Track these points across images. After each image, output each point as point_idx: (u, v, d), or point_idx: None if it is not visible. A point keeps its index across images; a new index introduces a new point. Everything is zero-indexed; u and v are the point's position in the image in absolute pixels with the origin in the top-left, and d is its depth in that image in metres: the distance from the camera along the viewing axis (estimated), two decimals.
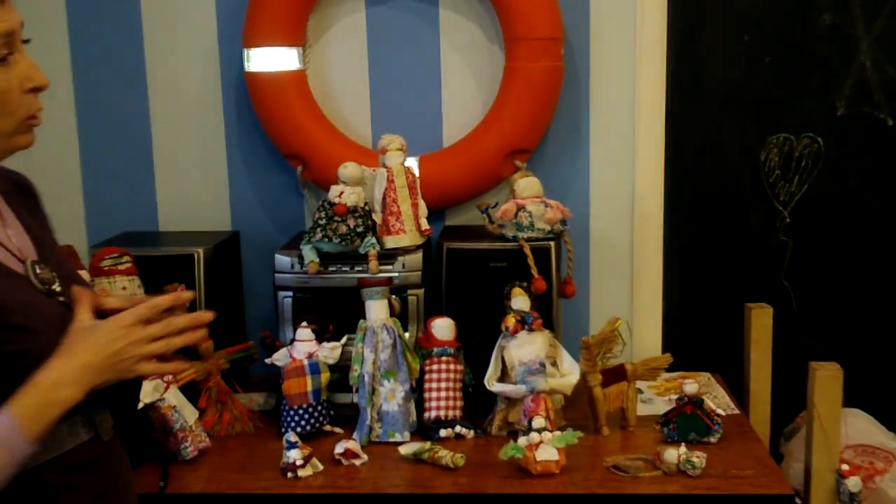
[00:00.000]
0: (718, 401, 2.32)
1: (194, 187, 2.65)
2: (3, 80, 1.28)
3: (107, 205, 2.66)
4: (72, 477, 1.33)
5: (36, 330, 1.28)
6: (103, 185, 2.66)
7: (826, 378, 1.99)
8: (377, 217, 2.28)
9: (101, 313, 1.37)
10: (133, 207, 2.66)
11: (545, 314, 2.19)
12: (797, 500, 2.18)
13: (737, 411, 2.29)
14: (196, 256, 2.29)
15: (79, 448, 1.34)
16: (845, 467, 2.00)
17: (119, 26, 2.58)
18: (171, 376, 2.05)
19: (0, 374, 1.24)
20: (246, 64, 2.47)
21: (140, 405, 1.98)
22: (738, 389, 2.44)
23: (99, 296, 1.45)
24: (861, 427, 2.35)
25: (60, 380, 1.26)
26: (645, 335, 2.60)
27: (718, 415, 2.13)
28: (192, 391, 2.14)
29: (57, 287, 1.37)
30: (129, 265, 2.14)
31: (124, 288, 2.12)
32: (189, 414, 2.06)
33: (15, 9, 1.31)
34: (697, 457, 1.92)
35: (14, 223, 1.40)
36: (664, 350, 2.54)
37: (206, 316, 1.41)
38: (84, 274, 2.07)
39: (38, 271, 1.36)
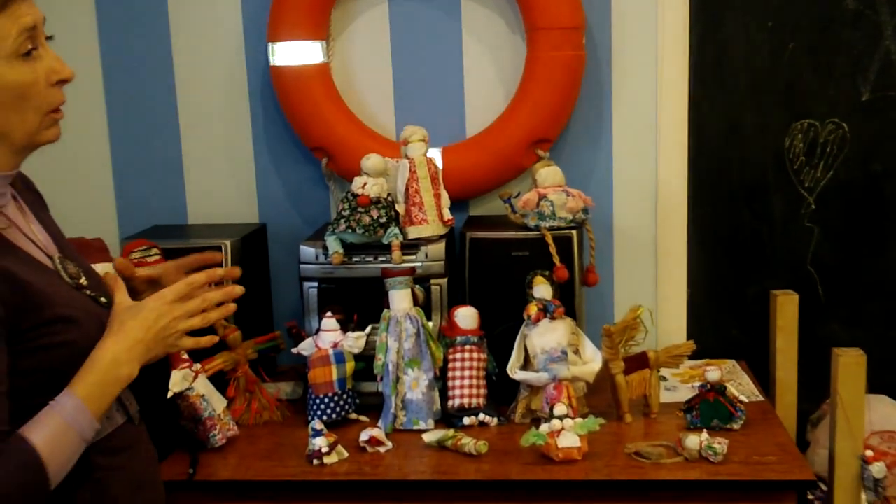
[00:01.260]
0: (743, 388, 2.32)
1: (222, 181, 2.69)
2: (30, 73, 1.31)
3: (137, 199, 2.71)
4: (116, 458, 1.40)
5: (79, 321, 1.34)
6: (133, 180, 2.71)
7: (849, 364, 1.99)
8: (400, 208, 2.30)
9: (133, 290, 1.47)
10: (162, 201, 2.71)
11: (568, 303, 2.20)
12: (822, 487, 2.18)
13: (761, 398, 2.28)
14: (224, 248, 2.33)
15: (116, 431, 1.40)
16: (869, 453, 2.00)
17: (147, 23, 2.62)
18: (199, 366, 2.09)
19: (48, 365, 1.30)
20: (270, 58, 2.51)
21: (169, 394, 2.03)
22: (764, 377, 2.44)
23: (130, 269, 1.51)
24: (886, 413, 2.34)
25: (118, 358, 1.34)
26: (669, 323, 2.60)
27: (741, 401, 2.13)
28: (220, 381, 2.18)
29: (84, 281, 1.42)
30: (157, 257, 2.18)
31: None
32: (217, 403, 2.10)
33: (35, 4, 1.34)
34: (719, 443, 1.92)
35: (35, 221, 1.45)
36: (689, 338, 2.54)
37: (238, 290, 1.51)
38: (108, 266, 2.11)
39: (66, 266, 1.41)
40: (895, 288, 2.60)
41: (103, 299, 1.43)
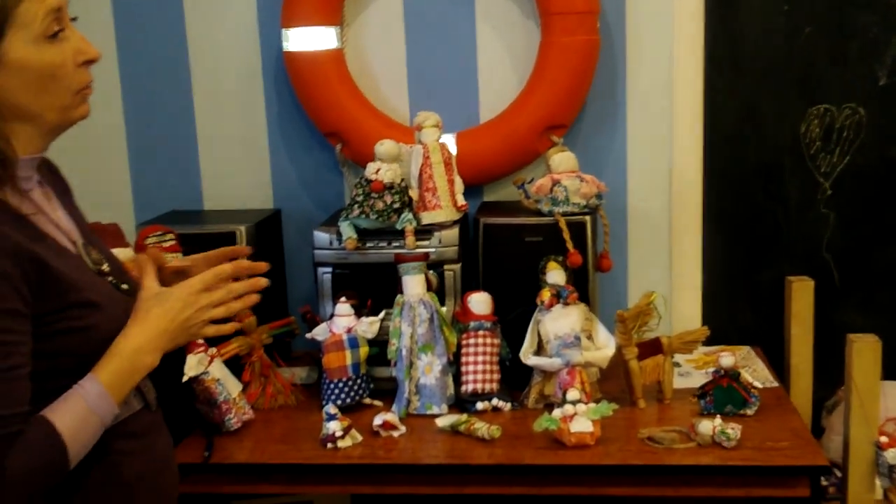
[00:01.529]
0: (757, 374, 2.32)
1: (237, 167, 2.70)
2: (58, 55, 1.32)
3: (153, 185, 2.72)
4: (133, 443, 1.41)
5: (101, 305, 1.35)
6: (149, 166, 2.72)
7: (864, 349, 1.98)
8: (413, 193, 2.30)
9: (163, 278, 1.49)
10: (178, 187, 2.73)
11: (581, 288, 2.20)
12: (836, 473, 2.18)
13: (776, 384, 2.28)
14: (238, 234, 2.34)
15: (133, 416, 1.42)
16: (884, 439, 1.99)
17: (162, 9, 2.63)
18: (214, 350, 2.10)
19: (69, 349, 1.31)
20: (284, 44, 2.51)
21: (185, 378, 2.04)
22: (779, 363, 2.43)
23: (161, 257, 1.53)
24: None
25: (142, 346, 1.36)
26: (683, 309, 2.60)
27: (755, 387, 2.12)
28: (235, 365, 2.19)
29: (106, 267, 1.43)
30: (172, 243, 2.20)
31: None
32: (233, 387, 2.12)
33: None
34: (732, 428, 1.92)
35: (60, 207, 1.46)
36: (703, 323, 2.54)
37: (263, 282, 1.51)
38: (128, 251, 2.12)
39: (89, 252, 1.42)
40: None
41: (124, 286, 1.44)
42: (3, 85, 1.29)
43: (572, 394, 1.98)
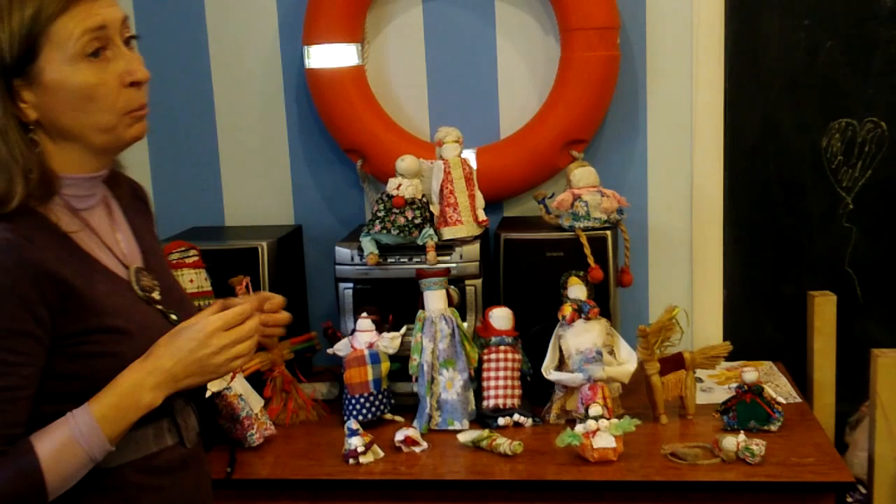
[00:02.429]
0: (780, 389, 2.31)
1: (258, 183, 2.72)
2: (96, 75, 1.29)
3: (175, 201, 2.74)
4: (156, 478, 1.37)
5: (132, 334, 1.32)
6: (171, 183, 2.74)
7: (888, 365, 1.97)
8: (435, 209, 2.31)
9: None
10: (200, 204, 2.74)
11: (603, 303, 2.20)
12: (861, 489, 2.16)
13: (799, 399, 2.27)
14: (260, 250, 2.35)
15: (164, 451, 1.38)
16: None
17: (184, 27, 2.66)
18: None
19: (89, 373, 1.29)
20: (306, 61, 2.53)
21: (207, 394, 2.05)
22: (802, 378, 2.42)
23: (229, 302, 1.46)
24: None
25: (141, 383, 1.29)
26: (705, 324, 2.59)
27: (779, 403, 2.11)
28: (257, 381, 2.20)
29: (157, 295, 1.40)
30: (196, 258, 2.21)
31: (191, 281, 2.19)
32: (255, 402, 2.12)
33: (114, 3, 1.33)
34: (756, 444, 1.91)
35: (126, 229, 1.44)
36: (725, 338, 2.53)
37: (285, 317, 1.51)
38: None
39: (140, 278, 1.39)
40: None
41: (173, 316, 1.40)
42: (43, 104, 1.29)
43: (595, 409, 1.97)
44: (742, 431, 1.99)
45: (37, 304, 1.23)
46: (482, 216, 2.33)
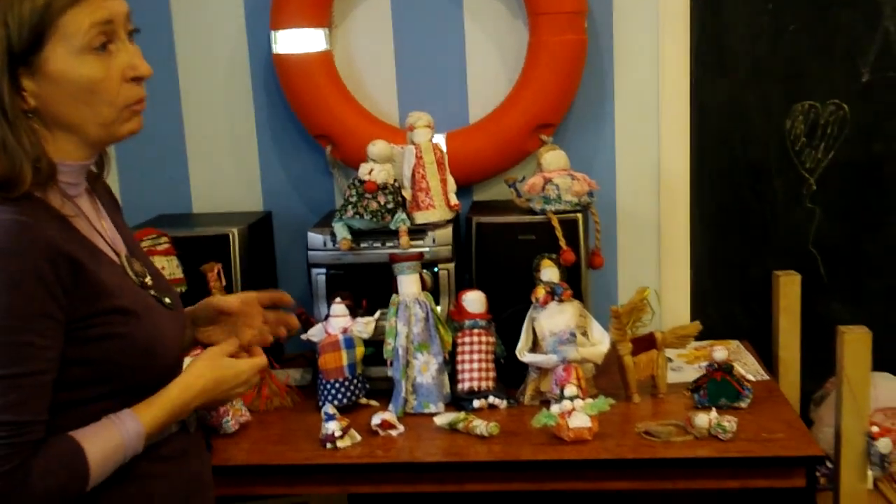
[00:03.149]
0: (748, 367, 2.35)
1: (226, 170, 2.70)
2: (101, 69, 1.29)
3: (141, 189, 2.71)
4: (164, 466, 1.40)
5: (139, 314, 1.33)
6: (137, 171, 2.71)
7: (855, 341, 2.01)
8: (407, 193, 2.31)
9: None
10: (166, 191, 2.72)
11: (574, 286, 2.22)
12: (827, 464, 2.21)
13: (766, 377, 2.31)
14: (231, 236, 2.34)
15: (170, 439, 1.40)
16: (875, 429, 2.03)
17: (149, 12, 2.62)
18: None
19: (102, 355, 1.29)
20: (273, 46, 2.51)
21: None
22: (768, 357, 2.47)
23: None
24: (891, 390, 2.37)
25: (189, 403, 1.39)
26: (673, 304, 2.62)
27: (748, 380, 2.15)
28: None
29: (149, 280, 1.42)
30: (167, 246, 2.20)
31: (163, 268, 2.18)
32: None
33: None
34: (728, 421, 1.95)
35: (107, 217, 1.45)
36: (692, 319, 2.57)
37: (295, 323, 1.68)
38: None
39: (132, 264, 1.41)
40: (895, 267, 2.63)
41: (167, 300, 1.43)
42: (43, 94, 1.28)
43: (570, 390, 1.99)
44: (713, 409, 2.03)
45: (54, 284, 1.23)
46: (454, 200, 2.34)
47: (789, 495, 1.92)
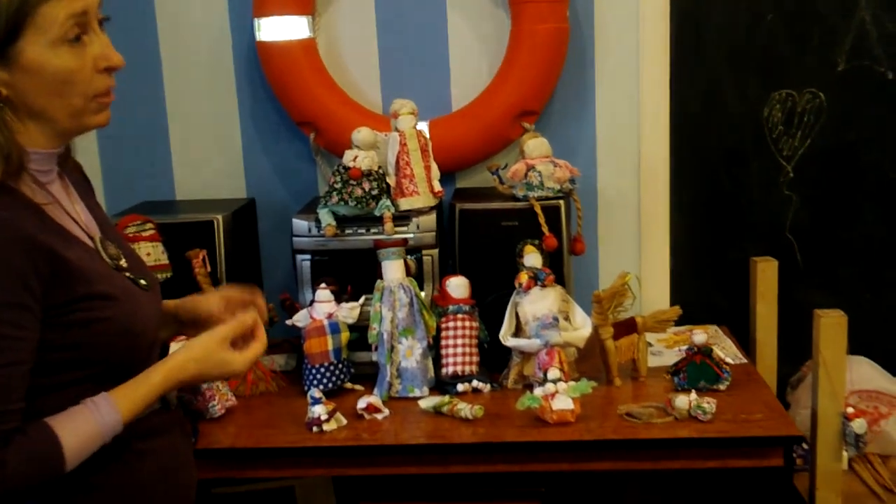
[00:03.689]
0: (727, 351, 2.39)
1: (209, 157, 2.71)
2: (75, 60, 1.30)
3: (124, 176, 2.72)
4: (149, 442, 1.42)
5: (118, 298, 1.35)
6: (120, 158, 2.71)
7: (831, 324, 2.05)
8: (391, 180, 2.33)
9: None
10: (149, 178, 2.73)
11: (556, 271, 2.25)
12: (804, 445, 2.25)
13: (744, 360, 2.35)
14: (216, 223, 2.35)
15: (152, 415, 1.42)
16: (850, 410, 2.07)
17: (132, 0, 2.62)
18: None
19: (84, 340, 1.31)
20: (257, 33, 2.52)
21: None
22: (745, 341, 2.51)
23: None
24: (865, 373, 2.42)
25: (167, 385, 1.40)
26: (653, 290, 2.66)
27: (727, 363, 2.19)
28: None
29: (124, 263, 1.43)
30: (152, 232, 2.21)
31: (148, 254, 2.19)
32: None
33: None
34: (708, 402, 1.98)
35: (80, 202, 1.46)
36: (672, 304, 2.60)
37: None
38: None
39: (106, 247, 1.42)
40: (871, 253, 2.68)
41: (143, 282, 1.44)
42: (17, 84, 1.28)
43: (553, 373, 2.02)
44: (693, 391, 2.06)
45: (30, 275, 1.24)
46: (438, 187, 2.36)
47: (767, 475, 1.96)
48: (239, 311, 1.57)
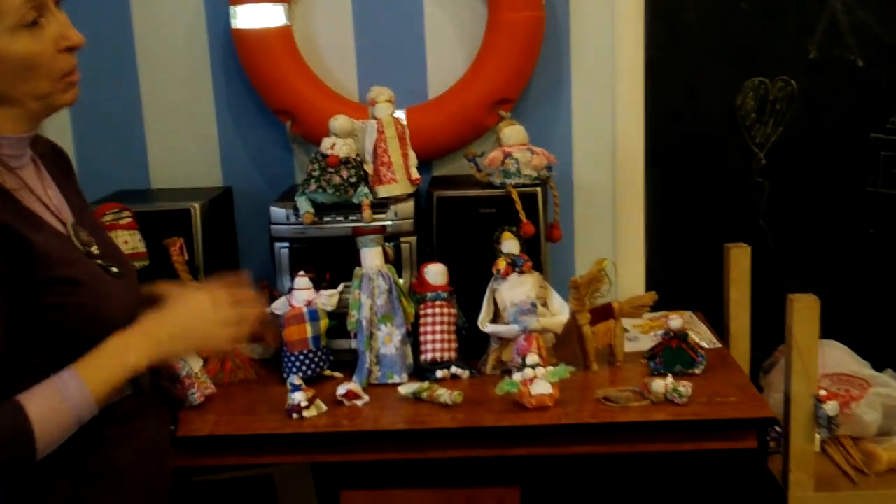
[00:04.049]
0: (702, 335, 2.42)
1: (184, 145, 2.70)
2: (35, 44, 1.30)
3: (99, 164, 2.69)
4: (122, 428, 1.41)
5: (86, 283, 1.34)
6: (95, 146, 2.69)
7: (804, 308, 2.09)
8: (368, 167, 2.33)
9: None
10: (124, 166, 2.71)
11: (533, 258, 2.26)
12: (777, 429, 2.29)
13: (719, 345, 2.38)
14: (193, 211, 2.34)
15: (124, 400, 1.41)
16: (823, 393, 2.11)
17: None
18: None
19: (52, 324, 1.31)
20: (232, 21, 2.51)
21: None
22: (719, 327, 2.54)
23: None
24: (837, 357, 2.46)
25: (127, 345, 1.36)
26: (628, 276, 2.69)
27: (702, 347, 2.22)
28: None
29: (95, 250, 1.42)
30: (129, 220, 2.20)
31: (126, 242, 2.18)
32: (194, 362, 2.13)
33: None
34: (684, 385, 2.01)
35: (53, 187, 1.45)
36: (647, 290, 2.63)
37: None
38: None
39: (78, 233, 1.41)
40: (841, 239, 2.72)
41: (114, 269, 1.43)
42: None
43: (532, 358, 2.04)
44: (669, 375, 2.09)
45: None
46: (415, 174, 2.37)
47: (742, 457, 1.99)
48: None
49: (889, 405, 2.33)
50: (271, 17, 2.50)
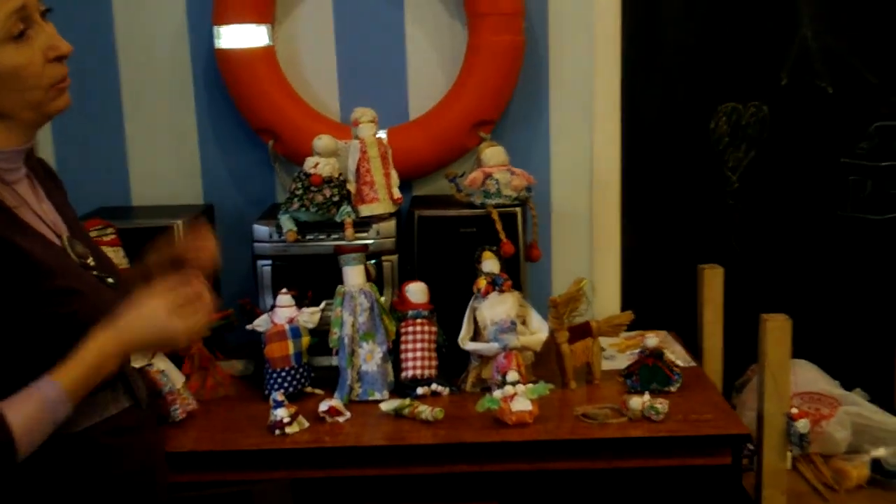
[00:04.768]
0: (676, 355, 2.46)
1: (166, 163, 2.71)
2: (23, 55, 1.32)
3: (80, 182, 2.67)
4: (121, 439, 1.43)
5: (85, 293, 1.36)
6: (77, 163, 2.70)
7: (776, 327, 2.13)
8: (351, 187, 2.36)
9: None
10: (106, 184, 2.72)
11: (513, 277, 2.30)
12: (749, 446, 2.33)
13: (693, 364, 2.43)
14: (175, 228, 2.36)
15: (122, 413, 1.44)
16: (795, 410, 2.15)
17: (90, 5, 2.62)
18: None
19: (55, 336, 1.32)
20: (216, 41, 2.54)
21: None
22: (693, 346, 2.58)
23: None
24: (808, 376, 2.51)
25: (105, 351, 1.34)
26: (604, 296, 2.73)
27: (678, 366, 2.27)
28: (175, 358, 2.21)
29: (91, 261, 1.45)
30: (113, 236, 2.21)
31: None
32: (176, 378, 2.14)
33: None
34: (660, 403, 2.05)
35: (47, 200, 1.48)
36: (623, 310, 2.68)
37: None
38: None
39: (74, 245, 1.44)
40: (811, 261, 2.78)
41: (110, 280, 1.46)
42: None
43: (511, 375, 2.08)
44: (646, 392, 2.13)
45: None
46: (397, 194, 2.40)
47: (717, 473, 2.03)
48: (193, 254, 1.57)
49: (858, 423, 2.39)
50: (255, 38, 2.54)
